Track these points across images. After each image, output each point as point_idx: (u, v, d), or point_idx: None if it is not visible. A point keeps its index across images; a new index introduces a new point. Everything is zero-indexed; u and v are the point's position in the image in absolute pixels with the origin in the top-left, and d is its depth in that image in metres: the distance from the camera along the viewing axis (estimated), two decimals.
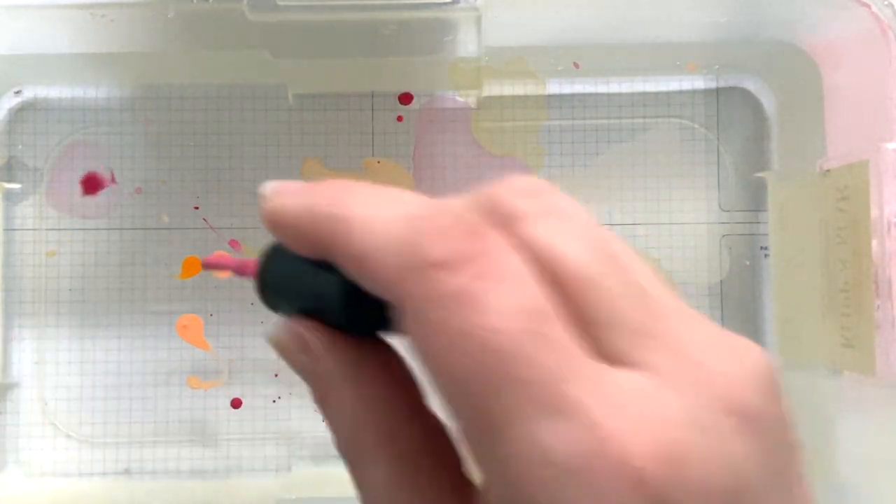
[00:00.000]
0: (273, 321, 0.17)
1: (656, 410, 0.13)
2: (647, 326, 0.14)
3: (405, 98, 0.43)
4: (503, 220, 0.15)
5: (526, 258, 0.14)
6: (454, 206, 0.15)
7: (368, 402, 0.15)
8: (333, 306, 0.15)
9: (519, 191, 0.15)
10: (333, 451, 0.16)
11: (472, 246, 0.14)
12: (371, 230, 0.14)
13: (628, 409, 0.13)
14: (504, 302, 0.13)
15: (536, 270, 0.14)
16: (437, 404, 0.15)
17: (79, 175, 0.42)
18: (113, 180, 0.42)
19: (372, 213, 0.14)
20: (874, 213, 0.32)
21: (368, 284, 0.14)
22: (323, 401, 0.16)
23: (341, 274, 0.15)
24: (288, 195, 0.16)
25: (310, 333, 0.16)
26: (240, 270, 0.17)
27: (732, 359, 0.14)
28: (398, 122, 0.43)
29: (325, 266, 0.15)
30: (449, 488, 0.15)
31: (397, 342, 0.16)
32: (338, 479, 0.41)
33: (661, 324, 0.14)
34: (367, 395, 0.15)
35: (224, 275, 0.17)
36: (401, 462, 0.15)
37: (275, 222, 0.16)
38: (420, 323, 0.14)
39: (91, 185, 0.42)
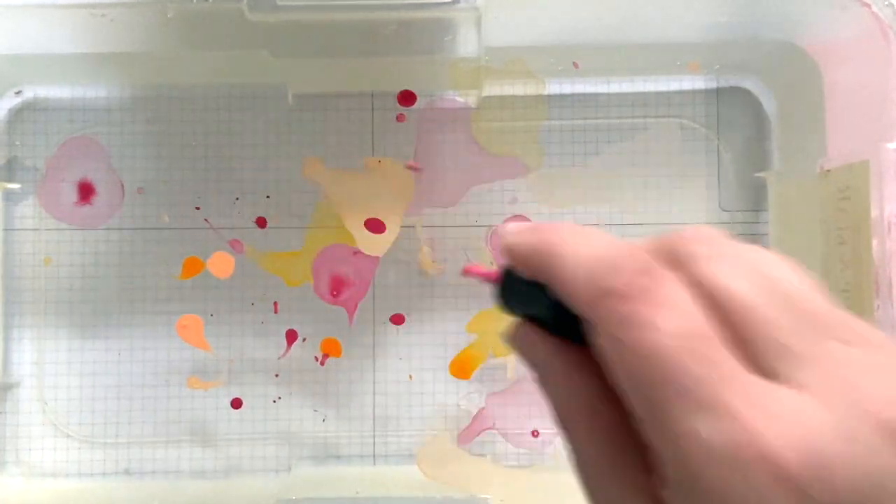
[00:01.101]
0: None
1: (803, 418, 0.16)
2: (803, 349, 0.17)
3: (408, 98, 0.43)
4: (679, 262, 0.18)
5: (696, 293, 0.18)
6: (636, 248, 0.19)
7: (572, 384, 0.19)
8: (547, 317, 0.20)
9: (694, 238, 0.19)
10: (333, 451, 0.18)
11: (646, 281, 0.18)
12: (573, 265, 0.19)
13: (774, 412, 0.16)
14: (667, 324, 0.17)
15: (704, 302, 0.17)
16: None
17: (76, 177, 0.42)
18: (120, 185, 0.42)
19: (574, 252, 0.19)
20: (874, 213, 0.32)
21: (571, 304, 0.19)
22: (543, 382, 0.20)
23: (554, 293, 0.19)
24: (519, 235, 0.20)
25: (534, 334, 0.20)
26: (489, 279, 0.21)
27: (891, 383, 0.16)
28: (398, 121, 0.43)
29: (543, 286, 0.20)
30: (633, 463, 0.18)
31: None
32: (338, 479, 0.42)
33: (819, 347, 0.17)
34: (572, 379, 0.19)
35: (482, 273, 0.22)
36: (598, 433, 0.19)
37: (511, 255, 0.20)
38: (605, 337, 0.18)
39: (85, 192, 0.42)
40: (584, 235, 0.19)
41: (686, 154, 0.43)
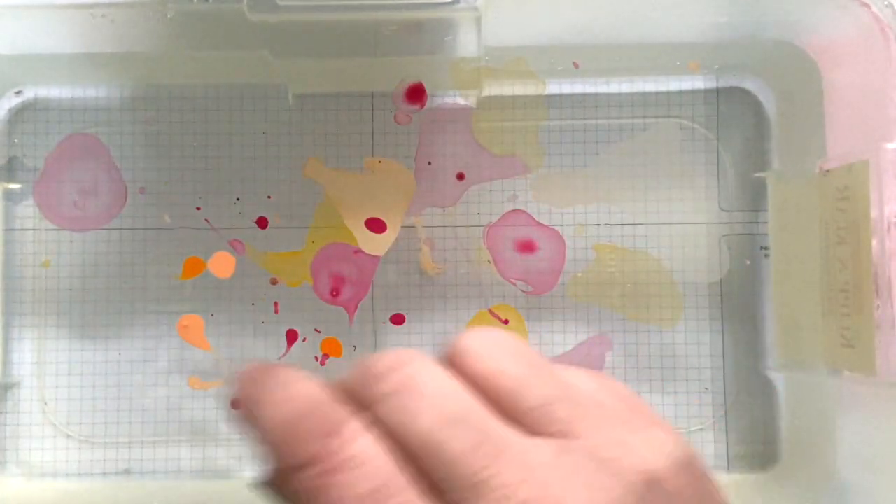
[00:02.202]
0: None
1: None
2: (483, 479, 0.16)
3: (416, 96, 0.42)
4: (362, 403, 0.18)
5: (382, 433, 0.17)
6: (325, 403, 0.18)
7: None
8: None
9: (372, 374, 0.18)
10: None
11: (326, 446, 0.17)
12: (265, 432, 0.19)
13: None
14: (345, 491, 0.16)
15: (390, 444, 0.17)
16: None
17: (77, 177, 0.42)
18: (121, 185, 0.42)
19: (264, 415, 0.19)
20: (874, 213, 0.32)
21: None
22: None
23: None
24: (238, 381, 0.20)
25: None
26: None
27: (580, 488, 0.16)
28: (396, 122, 0.43)
29: None
30: None
31: None
32: None
33: (500, 468, 0.16)
34: None
35: None
36: None
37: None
38: None
39: (86, 192, 0.42)
40: (275, 392, 0.19)
41: (686, 154, 0.43)
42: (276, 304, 0.42)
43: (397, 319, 0.42)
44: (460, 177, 0.42)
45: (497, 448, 0.16)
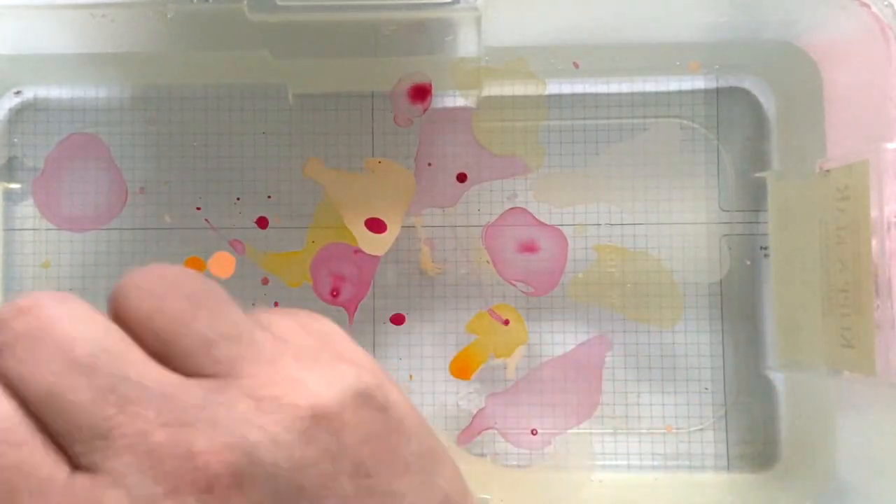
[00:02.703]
0: None
1: None
2: (109, 427, 0.15)
3: (421, 95, 0.42)
4: None
5: (3, 386, 0.16)
6: None
7: None
8: None
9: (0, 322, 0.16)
10: None
11: None
12: None
13: None
14: None
15: (14, 397, 0.15)
16: None
17: (77, 177, 0.42)
18: (124, 187, 0.42)
19: None
20: (874, 213, 0.32)
21: None
22: None
23: None
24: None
25: None
26: None
27: (225, 428, 0.15)
28: (397, 123, 0.43)
29: None
30: None
31: None
32: None
33: (133, 413, 0.15)
34: None
35: None
36: None
37: None
38: None
39: (86, 192, 0.42)
40: None
41: (686, 154, 0.43)
42: (276, 304, 0.42)
43: (397, 319, 0.42)
44: (461, 177, 0.42)
45: (133, 392, 0.15)
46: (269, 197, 0.42)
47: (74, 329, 0.16)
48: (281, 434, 0.15)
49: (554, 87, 0.43)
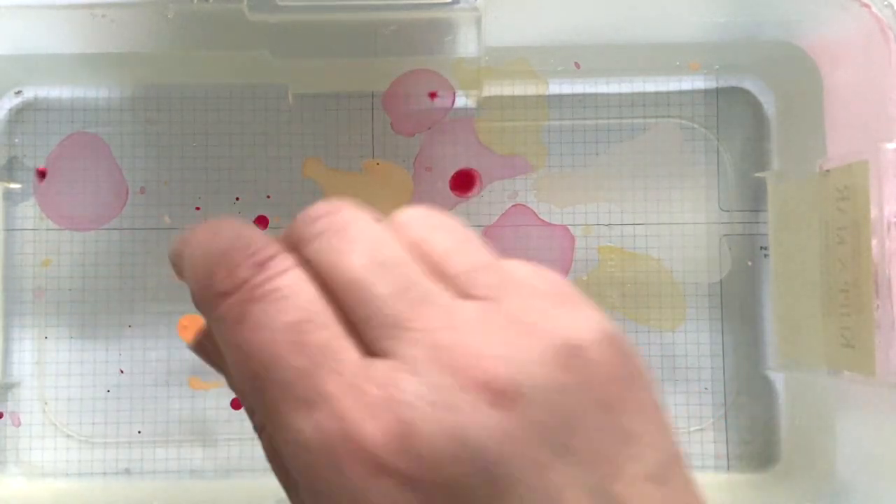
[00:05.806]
0: None
1: (395, 393, 0.15)
2: (405, 319, 0.16)
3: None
4: (296, 245, 0.18)
5: (312, 274, 0.17)
6: (254, 238, 0.18)
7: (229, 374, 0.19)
8: None
9: (307, 218, 0.18)
10: None
11: (253, 275, 0.17)
12: (189, 267, 0.18)
13: (369, 397, 0.15)
14: (269, 319, 0.16)
15: (319, 283, 0.17)
16: None
17: (77, 177, 0.42)
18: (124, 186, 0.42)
19: (191, 253, 0.18)
20: (874, 213, 0.32)
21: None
22: (228, 384, 0.20)
23: None
24: (174, 241, 0.19)
25: (206, 340, 0.20)
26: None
27: (485, 338, 0.16)
28: (394, 130, 0.43)
29: None
30: None
31: None
32: None
33: (417, 312, 0.16)
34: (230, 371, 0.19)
35: None
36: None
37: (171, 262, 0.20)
38: (218, 337, 0.17)
39: (86, 192, 0.42)
40: (208, 231, 0.18)
41: (686, 154, 0.43)
42: None
43: None
44: (461, 177, 0.42)
45: (422, 297, 0.16)
46: (268, 197, 0.42)
47: (375, 233, 0.18)
48: (543, 357, 0.16)
49: (555, 88, 0.43)
